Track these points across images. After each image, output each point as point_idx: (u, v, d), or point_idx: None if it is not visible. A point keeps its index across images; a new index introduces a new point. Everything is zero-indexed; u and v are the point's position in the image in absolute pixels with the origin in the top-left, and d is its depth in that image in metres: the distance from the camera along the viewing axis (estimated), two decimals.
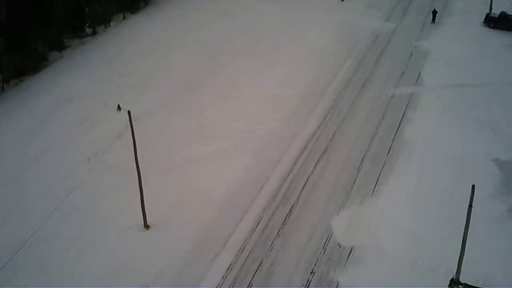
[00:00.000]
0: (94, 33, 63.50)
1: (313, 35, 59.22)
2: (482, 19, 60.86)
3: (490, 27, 59.60)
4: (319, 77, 50.27)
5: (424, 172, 36.79)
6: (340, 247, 30.88)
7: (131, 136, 31.22)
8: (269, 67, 52.26)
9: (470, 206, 25.62)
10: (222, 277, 29.19)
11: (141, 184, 32.42)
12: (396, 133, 41.22)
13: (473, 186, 25.03)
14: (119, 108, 30.83)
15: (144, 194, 32.94)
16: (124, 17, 67.94)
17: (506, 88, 47.07)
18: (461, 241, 24.42)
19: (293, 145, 40.64)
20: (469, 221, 25.14)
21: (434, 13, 61.56)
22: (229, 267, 29.79)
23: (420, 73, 50.26)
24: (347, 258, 30.08)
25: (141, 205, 32.61)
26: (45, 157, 40.51)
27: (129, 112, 30.43)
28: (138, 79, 51.44)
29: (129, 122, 30.58)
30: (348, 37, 58.52)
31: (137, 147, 32.49)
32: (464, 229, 25.02)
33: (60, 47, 59.42)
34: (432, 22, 61.47)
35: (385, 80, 49.36)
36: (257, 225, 32.90)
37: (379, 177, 36.52)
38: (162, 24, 65.27)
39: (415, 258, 29.97)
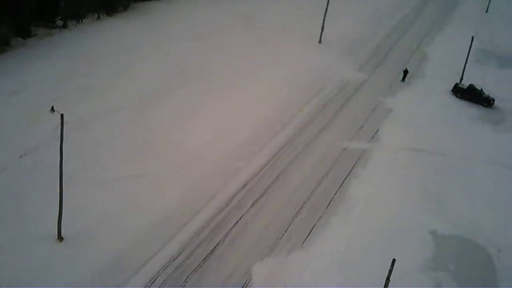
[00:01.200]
0: (64, 26, 61.87)
1: (282, 72, 58.60)
2: (451, 88, 61.17)
3: (457, 97, 59.91)
4: (278, 115, 49.46)
5: (359, 232, 35.95)
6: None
7: (60, 141, 29.60)
8: (230, 95, 51.38)
9: (388, 279, 24.90)
10: None
11: (62, 192, 30.74)
12: (340, 187, 40.43)
13: (393, 260, 24.31)
14: (52, 110, 29.30)
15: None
16: (98, 17, 66.50)
17: (461, 161, 46.85)
18: None
19: (235, 179, 39.49)
20: None
21: (405, 72, 61.77)
22: None
23: (378, 130, 49.85)
24: None
25: (59, 214, 30.89)
26: None
27: (62, 116, 28.91)
28: (95, 82, 49.92)
29: (59, 126, 29.01)
30: (316, 81, 58.04)
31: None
32: None
33: (26, 34, 57.57)
34: (401, 81, 61.61)
35: (342, 130, 48.79)
36: (177, 257, 31.47)
37: (312, 229, 35.53)
38: (135, 32, 64.04)
39: None
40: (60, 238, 31.16)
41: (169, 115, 46.56)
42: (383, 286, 26.07)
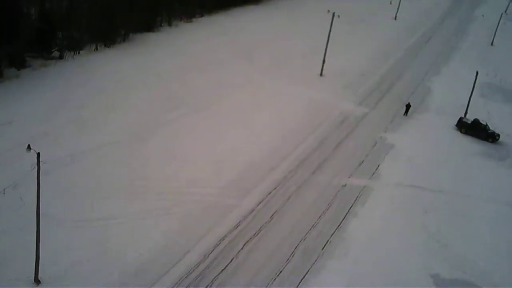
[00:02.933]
0: (60, 57, 61.07)
1: (281, 105, 57.28)
2: (455, 123, 59.56)
3: (461, 132, 58.23)
4: (274, 149, 47.86)
5: (357, 276, 33.92)
6: None
7: (36, 181, 28.00)
8: (225, 129, 49.93)
9: None
10: None
11: (39, 233, 29.04)
12: (338, 227, 38.51)
13: None
14: (28, 148, 27.81)
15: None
16: (96, 49, 65.67)
17: (463, 200, 44.95)
18: None
19: (227, 218, 37.69)
20: None
21: (408, 106, 60.26)
22: None
23: (378, 166, 48.08)
24: None
25: (36, 256, 29.12)
26: None
27: (38, 155, 27.41)
28: (86, 115, 48.69)
29: (36, 166, 27.47)
30: (316, 114, 56.61)
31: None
32: None
33: (20, 65, 56.66)
34: (404, 115, 60.05)
35: (342, 166, 47.05)
36: None
37: (307, 273, 33.52)
38: (133, 64, 63.13)
39: None
40: (37, 281, 29.36)
41: (159, 149, 45.04)
42: None
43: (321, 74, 67.92)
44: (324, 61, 67.49)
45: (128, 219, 36.14)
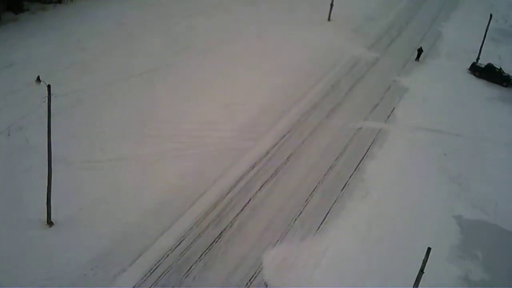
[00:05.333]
0: (59, 1, 58.46)
1: (289, 51, 55.14)
2: (468, 67, 57.85)
3: (475, 76, 56.59)
4: (286, 93, 46.15)
5: (378, 217, 32.80)
6: (266, 286, 26.49)
7: (47, 115, 26.38)
8: (234, 72, 48.07)
9: (421, 271, 21.79)
10: None
11: (50, 173, 27.61)
12: (356, 169, 37.25)
13: (429, 249, 21.20)
14: (38, 80, 26.07)
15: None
16: None
17: (480, 143, 43.65)
18: None
19: (242, 160, 36.37)
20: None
21: (420, 51, 58.32)
22: None
23: (394, 109, 46.56)
24: None
25: (47, 196, 27.76)
26: None
27: (49, 87, 25.71)
28: (89, 57, 46.79)
29: (46, 98, 25.78)
30: (325, 59, 54.61)
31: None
32: None
33: (18, 8, 54.23)
34: (416, 60, 58.20)
35: (356, 110, 45.49)
36: (179, 244, 28.40)
37: (327, 214, 32.38)
38: (136, 6, 60.56)
39: None
40: (49, 223, 28.08)
41: (173, 92, 43.35)
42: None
43: (329, 19, 65.55)
44: (332, 6, 65.02)
45: (141, 161, 34.82)
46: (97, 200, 30.69)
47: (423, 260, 21.65)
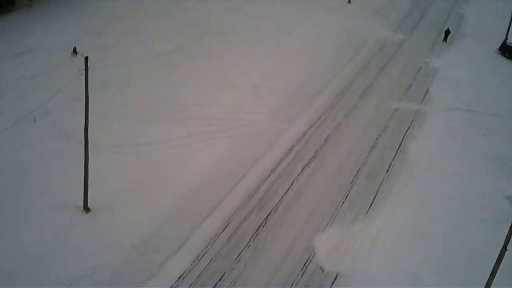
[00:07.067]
0: None
1: (309, 34, 53.46)
2: (497, 47, 56.03)
3: (504, 56, 54.76)
4: (314, 75, 44.46)
5: (427, 200, 30.94)
6: (323, 271, 24.70)
7: (85, 88, 24.53)
8: (260, 55, 46.49)
9: (505, 248, 20.03)
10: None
11: (87, 155, 25.78)
12: (398, 150, 35.43)
13: None
14: (74, 52, 24.25)
15: (90, 170, 26.40)
16: None
17: None
18: None
19: (279, 142, 34.58)
20: (499, 265, 19.55)
21: (447, 32, 56.52)
22: (181, 277, 23.29)
23: (428, 90, 44.76)
24: (331, 287, 23.93)
25: (84, 181, 25.96)
26: None
27: (86, 59, 23.93)
28: (108, 42, 45.18)
29: (84, 71, 23.97)
30: (350, 42, 52.94)
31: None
32: (490, 275, 19.39)
33: None
34: (443, 41, 56.39)
35: (389, 91, 43.73)
36: (224, 229, 26.54)
37: (375, 196, 30.55)
38: None
39: None
40: (86, 209, 26.27)
41: (196, 75, 41.65)
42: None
43: (349, 2, 63.79)
44: None
45: (172, 144, 33.04)
46: (131, 184, 28.90)
47: (507, 237, 19.87)
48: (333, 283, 24.12)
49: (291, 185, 30.54)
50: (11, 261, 22.87)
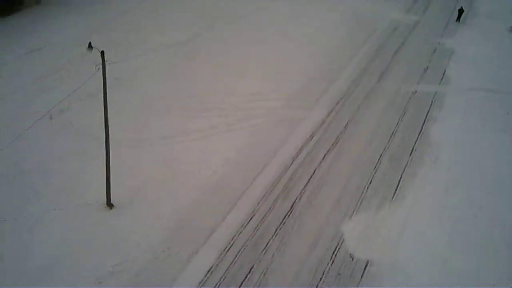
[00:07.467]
0: None
1: (322, 16, 52.68)
2: (511, 25, 54.97)
3: None
4: (330, 60, 43.73)
5: (453, 182, 30.37)
6: (353, 259, 24.28)
7: (103, 84, 24.10)
8: (272, 42, 45.80)
9: None
10: (200, 282, 22.38)
11: (108, 151, 25.43)
12: (420, 133, 34.79)
13: None
14: (90, 47, 23.82)
15: (111, 165, 26.03)
16: None
17: None
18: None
19: (298, 130, 34.05)
20: None
21: (461, 11, 55.49)
22: (209, 270, 23.00)
23: (445, 71, 43.96)
24: (362, 275, 23.48)
25: (106, 178, 25.63)
26: None
27: (102, 53, 23.48)
28: (121, 36, 44.47)
29: (101, 65, 23.54)
30: (362, 24, 52.13)
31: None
32: None
33: None
34: (457, 21, 55.41)
35: (406, 73, 42.98)
36: (250, 220, 26.17)
37: (400, 180, 30.00)
38: None
39: (444, 285, 23.51)
40: (109, 205, 25.96)
41: (211, 64, 41.17)
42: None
43: None
44: None
45: (191, 137, 32.56)
46: (153, 179, 28.54)
47: None
48: (364, 270, 23.69)
49: (314, 172, 30.06)
50: (39, 262, 22.63)
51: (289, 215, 26.64)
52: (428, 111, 37.57)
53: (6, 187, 26.88)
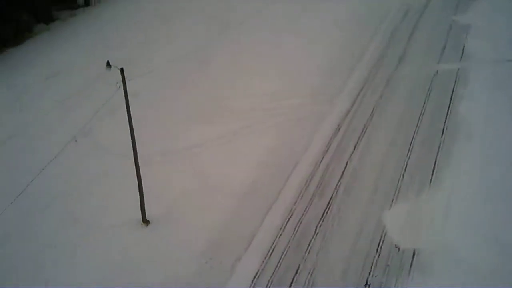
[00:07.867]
0: (87, 4, 56.48)
1: (333, 10, 51.87)
2: None
3: None
4: (344, 51, 43.10)
5: (490, 157, 29.50)
6: (399, 250, 23.64)
7: (125, 101, 23.84)
8: (284, 39, 45.23)
9: None
10: None
11: (138, 169, 25.16)
12: (448, 112, 34.00)
13: None
14: (108, 65, 23.61)
15: (142, 181, 25.76)
16: None
17: None
18: None
19: (324, 124, 33.52)
20: None
21: None
22: (255, 276, 22.57)
23: (464, 47, 43.02)
24: (411, 265, 22.83)
25: (139, 194, 25.43)
26: (18, 139, 33.46)
27: (121, 70, 23.26)
28: (134, 51, 44.51)
29: (121, 82, 23.31)
30: (375, 11, 51.25)
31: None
32: None
33: (48, 19, 52.24)
34: None
35: (424, 55, 42.12)
36: (287, 221, 25.72)
37: (435, 163, 29.27)
38: None
39: (498, 265, 22.74)
40: (145, 221, 25.69)
41: (224, 69, 40.94)
42: None
43: None
44: None
45: (217, 143, 32.30)
46: (185, 191, 28.23)
47: None
48: (412, 259, 23.05)
49: (346, 165, 29.49)
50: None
51: (327, 212, 26.11)
52: (453, 89, 36.69)
53: (40, 215, 26.76)
